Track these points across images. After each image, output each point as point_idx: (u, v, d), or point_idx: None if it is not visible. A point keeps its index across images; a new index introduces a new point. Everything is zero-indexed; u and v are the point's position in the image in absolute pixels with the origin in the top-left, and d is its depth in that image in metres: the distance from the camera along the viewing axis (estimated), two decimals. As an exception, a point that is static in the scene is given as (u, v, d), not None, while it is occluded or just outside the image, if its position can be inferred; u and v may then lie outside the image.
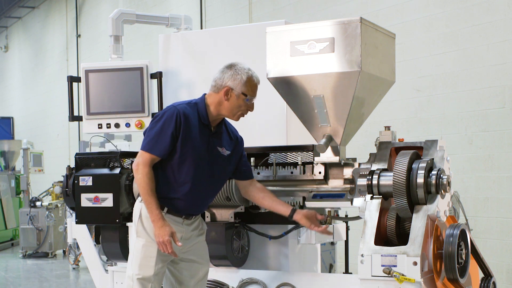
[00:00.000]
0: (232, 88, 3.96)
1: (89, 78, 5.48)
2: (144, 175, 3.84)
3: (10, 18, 22.78)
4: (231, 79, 3.96)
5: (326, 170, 4.29)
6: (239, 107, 3.99)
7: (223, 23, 11.48)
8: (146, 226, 3.93)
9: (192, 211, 4.05)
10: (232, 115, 4.02)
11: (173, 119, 3.86)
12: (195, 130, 3.93)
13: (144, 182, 3.84)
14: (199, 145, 3.94)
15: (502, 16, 7.08)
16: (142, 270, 3.91)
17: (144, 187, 3.84)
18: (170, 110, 3.91)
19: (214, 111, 4.00)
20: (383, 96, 4.31)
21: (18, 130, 21.14)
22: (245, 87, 3.96)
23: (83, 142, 9.95)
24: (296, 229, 4.62)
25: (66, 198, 5.23)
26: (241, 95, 3.96)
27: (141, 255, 3.92)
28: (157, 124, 3.89)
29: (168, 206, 3.95)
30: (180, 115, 3.88)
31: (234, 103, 3.98)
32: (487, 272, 4.30)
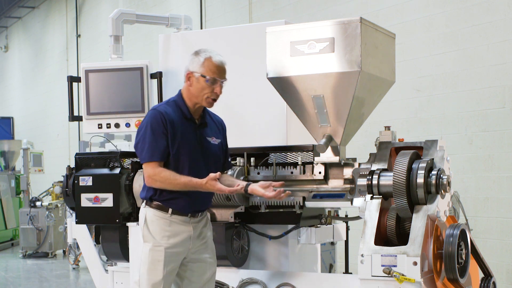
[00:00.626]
0: (192, 72, 3.95)
1: (89, 78, 5.48)
2: (162, 179, 3.84)
3: (10, 18, 22.78)
4: (191, 64, 3.96)
5: (326, 170, 4.29)
6: (203, 91, 3.94)
7: (223, 23, 11.47)
8: (152, 230, 3.93)
9: (197, 207, 4.03)
10: (200, 100, 3.97)
11: (158, 120, 3.87)
12: (181, 126, 3.94)
13: (170, 183, 3.84)
14: (189, 140, 3.95)
15: (502, 16, 7.08)
16: (151, 274, 3.90)
17: (175, 184, 3.84)
18: (152, 113, 3.92)
19: (189, 102, 4.00)
20: (383, 96, 4.31)
21: (18, 130, 21.14)
22: (203, 68, 3.92)
23: (83, 142, 9.95)
24: (296, 229, 4.62)
25: (66, 198, 5.24)
26: (200, 78, 3.92)
27: (149, 260, 3.91)
28: (146, 132, 3.89)
29: (172, 207, 3.94)
30: (162, 114, 3.89)
31: (197, 87, 3.94)
32: (487, 272, 4.30)
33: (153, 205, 3.95)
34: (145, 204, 3.99)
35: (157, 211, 3.94)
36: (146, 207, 3.97)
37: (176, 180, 3.83)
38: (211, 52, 3.96)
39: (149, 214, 3.94)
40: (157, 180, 3.85)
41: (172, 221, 3.94)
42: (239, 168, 4.56)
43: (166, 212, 3.93)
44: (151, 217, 3.93)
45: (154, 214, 3.94)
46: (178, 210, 3.95)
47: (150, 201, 3.96)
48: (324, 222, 4.69)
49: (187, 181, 3.83)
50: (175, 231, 3.94)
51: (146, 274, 3.91)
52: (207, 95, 3.95)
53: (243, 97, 4.95)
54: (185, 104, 3.99)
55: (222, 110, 5.02)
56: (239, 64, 4.96)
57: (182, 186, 3.85)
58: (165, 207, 3.93)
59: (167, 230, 3.93)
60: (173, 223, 3.94)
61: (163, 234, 3.92)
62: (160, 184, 3.87)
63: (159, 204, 3.94)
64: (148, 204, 3.97)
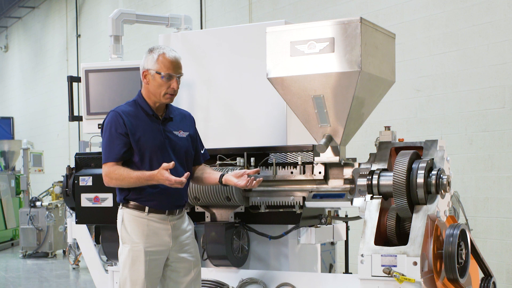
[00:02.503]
0: (147, 70, 3.97)
1: (89, 78, 5.48)
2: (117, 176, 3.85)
3: (10, 18, 22.77)
4: (146, 62, 3.98)
5: (326, 170, 4.29)
6: (160, 87, 3.95)
7: (223, 23, 11.48)
8: (129, 231, 3.93)
9: (173, 202, 4.00)
10: (159, 97, 3.98)
11: (115, 121, 3.90)
12: (142, 124, 3.94)
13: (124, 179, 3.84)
14: (153, 136, 3.94)
15: (502, 16, 7.08)
16: (133, 275, 3.89)
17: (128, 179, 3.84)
18: (110, 114, 3.95)
19: (149, 100, 4.01)
20: (383, 96, 4.32)
21: (18, 130, 21.14)
22: (157, 65, 3.94)
23: (83, 142, 9.95)
24: (296, 229, 4.62)
25: (66, 198, 5.24)
26: (156, 74, 3.94)
27: (129, 261, 3.90)
28: (105, 134, 3.93)
29: (148, 205, 3.92)
30: (120, 115, 3.91)
31: (154, 84, 3.96)
32: (487, 272, 4.30)
33: (130, 205, 3.94)
34: (122, 206, 3.98)
35: (134, 211, 3.93)
36: (122, 208, 3.97)
37: (129, 175, 3.84)
38: (165, 48, 3.98)
39: (126, 215, 3.94)
40: (113, 178, 3.87)
41: (150, 220, 3.92)
42: (239, 168, 4.56)
43: (143, 211, 3.91)
44: (128, 218, 3.93)
45: (131, 214, 3.93)
46: (155, 207, 3.93)
47: (126, 202, 3.95)
48: (324, 222, 4.69)
49: (140, 175, 3.84)
50: (153, 231, 3.93)
51: (128, 275, 3.89)
52: (164, 91, 3.96)
53: (243, 97, 4.95)
54: (146, 102, 4.00)
55: (222, 110, 5.04)
56: (239, 64, 4.96)
57: (136, 180, 3.84)
58: (141, 206, 3.92)
59: (145, 230, 3.91)
60: (151, 222, 3.92)
61: (141, 233, 3.91)
62: (116, 182, 3.88)
63: (135, 204, 3.93)
64: (125, 205, 3.96)
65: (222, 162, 4.67)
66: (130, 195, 3.93)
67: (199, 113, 5.09)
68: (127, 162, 3.91)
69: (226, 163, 4.66)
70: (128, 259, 3.90)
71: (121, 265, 3.96)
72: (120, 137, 3.87)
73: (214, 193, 4.54)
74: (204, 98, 5.10)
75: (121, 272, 3.94)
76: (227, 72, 5.02)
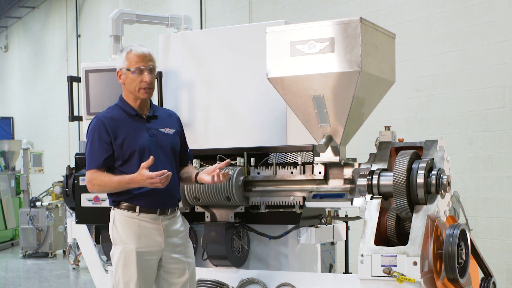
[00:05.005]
0: (120, 69, 4.01)
1: (89, 78, 5.47)
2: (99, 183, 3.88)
3: (10, 18, 22.77)
4: (118, 62, 4.03)
5: (326, 170, 4.29)
6: (133, 83, 3.97)
7: (223, 23, 11.47)
8: (120, 232, 3.93)
9: (165, 201, 3.99)
10: (136, 93, 3.99)
11: (98, 128, 3.92)
12: (127, 125, 3.95)
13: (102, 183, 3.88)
14: (139, 136, 3.95)
15: (502, 16, 7.08)
16: (125, 276, 3.89)
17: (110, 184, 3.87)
18: (92, 122, 3.99)
19: (131, 101, 4.03)
20: (383, 96, 4.32)
21: (18, 130, 21.14)
22: (127, 62, 3.98)
23: (83, 142, 9.94)
24: (296, 229, 4.62)
25: (66, 198, 5.24)
26: (127, 72, 3.98)
27: (122, 262, 3.90)
28: (88, 142, 3.97)
29: (139, 204, 3.91)
30: (102, 121, 3.93)
31: (128, 82, 3.99)
32: (487, 272, 4.30)
33: (121, 206, 3.94)
34: (113, 207, 3.98)
35: (125, 211, 3.92)
36: (114, 209, 3.97)
37: (111, 180, 3.86)
38: (132, 46, 4.03)
39: (117, 216, 3.94)
40: (95, 185, 3.90)
41: (141, 220, 3.91)
42: (239, 168, 4.56)
43: (134, 211, 3.91)
44: (119, 218, 3.93)
45: (122, 215, 3.92)
46: (146, 207, 3.92)
47: (118, 203, 3.95)
48: (324, 222, 4.69)
49: (120, 179, 3.86)
50: (145, 231, 3.92)
51: (121, 276, 3.89)
52: (139, 86, 3.97)
53: (243, 97, 4.95)
54: (127, 103, 4.03)
55: (222, 110, 5.04)
56: (239, 64, 4.96)
57: (117, 185, 3.86)
58: (132, 206, 3.91)
59: (137, 230, 3.90)
60: (142, 222, 3.91)
61: (133, 234, 3.90)
62: (98, 188, 3.92)
63: (126, 204, 3.92)
64: (116, 206, 3.96)
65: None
66: (120, 196, 3.94)
67: (199, 113, 5.10)
68: (111, 168, 3.93)
69: (226, 163, 4.65)
70: (120, 260, 3.90)
71: (113, 267, 3.96)
72: (102, 144, 3.91)
73: (214, 193, 4.54)
74: (204, 98, 5.10)
75: (114, 274, 3.94)
76: (227, 72, 5.01)
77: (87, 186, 3.97)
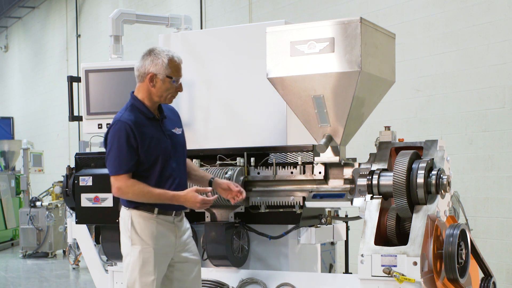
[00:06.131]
0: (155, 74, 3.93)
1: (89, 78, 5.48)
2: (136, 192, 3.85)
3: (10, 18, 22.76)
4: (152, 65, 3.93)
5: (326, 170, 4.29)
6: (168, 91, 3.96)
7: (223, 23, 11.47)
8: (139, 232, 3.92)
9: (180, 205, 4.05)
10: (163, 99, 3.99)
11: (125, 132, 3.85)
12: (147, 128, 3.93)
13: (140, 193, 3.85)
14: (159, 138, 3.95)
15: (502, 16, 7.08)
16: (143, 276, 3.90)
17: (145, 195, 3.86)
18: (116, 125, 3.89)
19: (148, 102, 3.99)
20: (383, 96, 4.31)
21: (18, 130, 21.14)
22: (168, 70, 3.93)
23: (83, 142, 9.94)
24: (296, 229, 4.62)
25: (66, 198, 5.24)
26: (166, 79, 3.94)
27: (140, 262, 3.90)
28: (113, 146, 3.88)
29: (158, 207, 3.93)
30: (129, 125, 3.86)
31: (161, 88, 3.95)
32: (487, 272, 4.30)
33: (139, 207, 3.94)
34: (129, 207, 3.96)
35: (143, 212, 3.93)
36: (130, 210, 3.95)
37: (151, 192, 3.85)
38: (170, 52, 3.98)
39: (135, 217, 3.93)
40: (129, 192, 3.86)
41: (158, 222, 3.94)
42: (239, 168, 4.56)
43: (152, 212, 3.93)
44: (138, 219, 3.92)
45: (140, 216, 3.93)
46: (164, 209, 3.95)
47: (136, 204, 3.94)
48: (324, 222, 4.69)
49: (162, 193, 3.87)
50: (162, 232, 3.95)
51: (138, 277, 3.89)
52: (171, 94, 3.99)
53: (243, 97, 4.95)
54: (144, 105, 3.98)
55: (222, 110, 5.04)
56: (239, 64, 4.96)
57: (157, 198, 3.87)
58: (151, 208, 3.92)
59: (155, 231, 3.92)
60: (159, 224, 3.94)
61: (151, 235, 3.91)
62: (133, 196, 3.87)
63: (145, 206, 3.93)
64: (134, 207, 3.95)
65: (222, 162, 4.67)
66: None
67: (199, 113, 5.10)
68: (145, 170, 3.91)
69: (226, 163, 4.66)
70: (139, 260, 3.90)
71: (129, 267, 3.94)
72: (130, 149, 3.85)
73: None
74: (204, 98, 5.10)
75: (130, 274, 3.93)
76: (227, 72, 5.02)
77: (115, 192, 3.89)
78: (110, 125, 3.94)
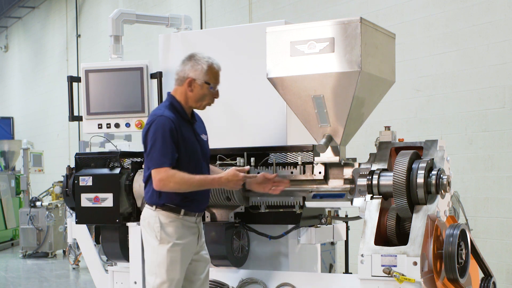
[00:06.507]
0: (194, 79, 4.01)
1: (89, 78, 5.48)
2: (177, 181, 3.89)
3: (10, 18, 22.76)
4: (192, 70, 4.02)
5: (326, 170, 4.29)
6: (204, 97, 4.05)
7: (223, 23, 11.47)
8: (169, 232, 3.98)
9: (204, 206, 4.16)
10: (198, 105, 4.08)
11: (169, 127, 3.91)
12: (184, 129, 4.01)
13: (182, 182, 3.89)
14: (192, 141, 4.03)
15: (502, 16, 7.08)
16: (170, 275, 3.95)
17: (187, 183, 3.90)
18: (161, 119, 3.94)
19: (185, 105, 4.07)
20: (383, 96, 4.31)
21: (18, 130, 21.14)
22: (207, 76, 4.02)
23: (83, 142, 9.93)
24: (296, 229, 4.62)
25: (66, 198, 5.23)
26: (204, 84, 4.02)
27: (168, 261, 3.95)
28: (157, 138, 3.91)
29: (184, 208, 4.01)
30: (172, 121, 3.93)
31: (198, 93, 4.03)
32: (487, 272, 4.30)
33: (165, 207, 3.99)
34: (156, 208, 4.00)
35: (170, 213, 3.99)
36: (157, 210, 4.00)
37: (192, 178, 3.90)
38: (210, 58, 4.06)
39: (162, 217, 3.98)
40: (171, 182, 3.88)
41: (183, 223, 4.01)
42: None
43: (178, 213, 3.99)
44: (165, 219, 3.98)
45: (168, 216, 3.99)
46: (190, 211, 4.02)
47: (162, 205, 3.99)
48: (324, 222, 4.69)
49: (203, 178, 3.95)
50: (187, 232, 4.03)
51: (165, 275, 3.94)
52: (207, 101, 4.08)
53: (243, 97, 4.95)
54: (182, 107, 4.06)
55: (222, 110, 5.03)
56: (239, 64, 4.96)
57: (198, 184, 3.93)
58: (177, 208, 3.99)
59: (181, 231, 4.00)
60: (185, 224, 4.02)
61: (179, 234, 3.99)
62: (174, 186, 3.90)
63: (171, 207, 3.99)
64: (159, 207, 4.00)
65: (222, 162, 4.67)
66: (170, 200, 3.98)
67: (199, 113, 5.09)
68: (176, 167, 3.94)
69: (226, 163, 4.66)
70: (167, 259, 3.95)
71: (153, 265, 3.98)
72: (172, 143, 3.91)
73: (214, 193, 4.54)
74: (204, 98, 5.09)
75: (156, 272, 3.97)
76: (227, 72, 5.00)
77: (157, 184, 3.91)
78: (149, 122, 3.99)
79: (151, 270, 4.00)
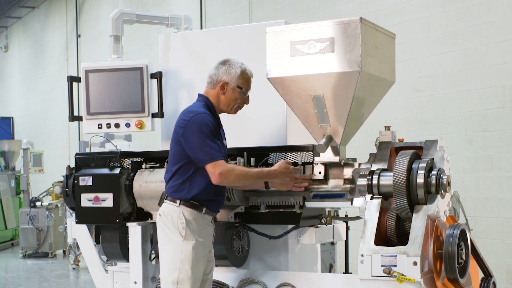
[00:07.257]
0: (227, 82, 4.13)
1: (89, 78, 5.47)
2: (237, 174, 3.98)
3: (10, 18, 22.78)
4: (225, 74, 4.13)
5: (326, 170, 4.29)
6: (235, 100, 4.16)
7: (223, 23, 11.48)
8: (193, 229, 4.02)
9: (222, 205, 4.23)
10: (229, 108, 4.19)
11: (210, 123, 3.99)
12: (216, 129, 4.10)
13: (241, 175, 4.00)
14: (222, 142, 4.15)
15: (502, 16, 7.08)
16: (194, 271, 3.99)
17: (245, 176, 4.02)
18: (204, 116, 4.01)
19: (217, 108, 4.18)
20: (383, 96, 4.31)
21: (18, 130, 21.15)
22: (239, 80, 4.14)
23: (83, 142, 9.94)
24: (296, 229, 4.62)
25: (66, 198, 5.23)
26: (236, 88, 4.14)
27: (193, 257, 3.99)
28: (203, 135, 3.95)
29: (207, 207, 4.06)
30: (210, 119, 4.02)
31: (230, 97, 4.14)
32: (487, 272, 4.30)
33: (188, 204, 4.03)
34: (179, 204, 4.03)
35: (193, 210, 4.03)
36: (180, 206, 4.03)
37: (250, 172, 4.04)
38: (243, 64, 4.19)
39: (187, 213, 4.02)
40: (231, 176, 3.95)
41: (204, 220, 4.07)
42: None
43: (200, 211, 4.04)
44: (189, 216, 4.02)
45: (191, 213, 4.03)
46: (210, 210, 4.09)
47: (185, 201, 4.02)
48: (324, 222, 4.69)
49: (259, 170, 4.12)
50: (208, 230, 4.10)
51: (190, 272, 3.98)
52: (237, 105, 4.19)
53: (243, 97, 4.94)
54: (215, 109, 4.16)
55: (222, 110, 5.03)
56: (239, 64, 4.95)
57: (255, 176, 4.07)
58: (200, 206, 4.03)
59: (203, 229, 4.06)
60: (205, 222, 4.08)
61: (202, 232, 4.05)
62: (235, 179, 3.99)
63: (194, 204, 4.02)
64: (183, 204, 4.03)
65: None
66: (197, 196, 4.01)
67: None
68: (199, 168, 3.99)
69: (226, 163, 4.65)
70: (191, 255, 3.99)
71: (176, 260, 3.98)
72: (216, 139, 4.01)
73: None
74: (204, 98, 5.09)
75: (180, 268, 3.97)
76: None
77: (216, 178, 3.93)
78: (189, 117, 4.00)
79: (174, 266, 3.99)
